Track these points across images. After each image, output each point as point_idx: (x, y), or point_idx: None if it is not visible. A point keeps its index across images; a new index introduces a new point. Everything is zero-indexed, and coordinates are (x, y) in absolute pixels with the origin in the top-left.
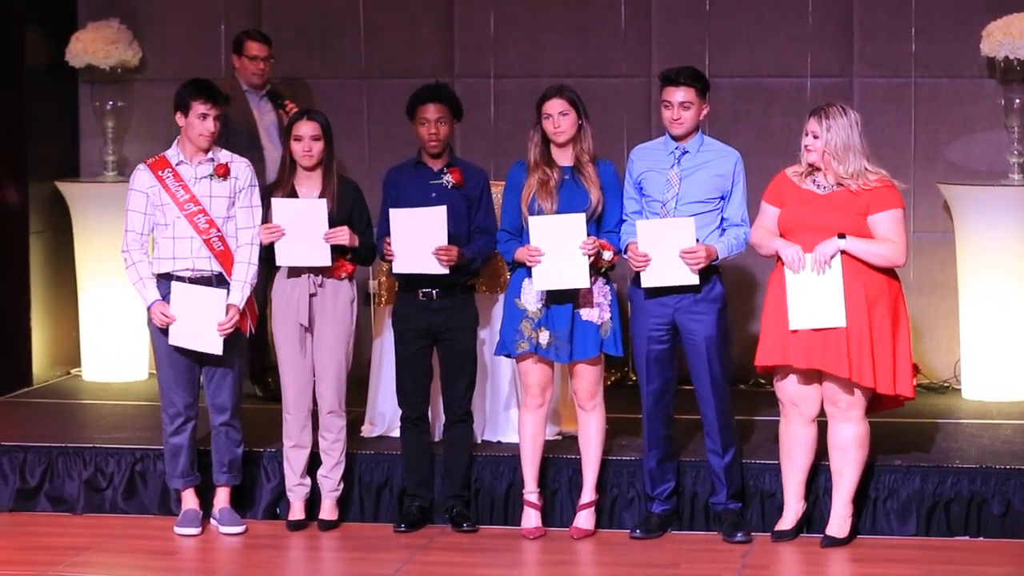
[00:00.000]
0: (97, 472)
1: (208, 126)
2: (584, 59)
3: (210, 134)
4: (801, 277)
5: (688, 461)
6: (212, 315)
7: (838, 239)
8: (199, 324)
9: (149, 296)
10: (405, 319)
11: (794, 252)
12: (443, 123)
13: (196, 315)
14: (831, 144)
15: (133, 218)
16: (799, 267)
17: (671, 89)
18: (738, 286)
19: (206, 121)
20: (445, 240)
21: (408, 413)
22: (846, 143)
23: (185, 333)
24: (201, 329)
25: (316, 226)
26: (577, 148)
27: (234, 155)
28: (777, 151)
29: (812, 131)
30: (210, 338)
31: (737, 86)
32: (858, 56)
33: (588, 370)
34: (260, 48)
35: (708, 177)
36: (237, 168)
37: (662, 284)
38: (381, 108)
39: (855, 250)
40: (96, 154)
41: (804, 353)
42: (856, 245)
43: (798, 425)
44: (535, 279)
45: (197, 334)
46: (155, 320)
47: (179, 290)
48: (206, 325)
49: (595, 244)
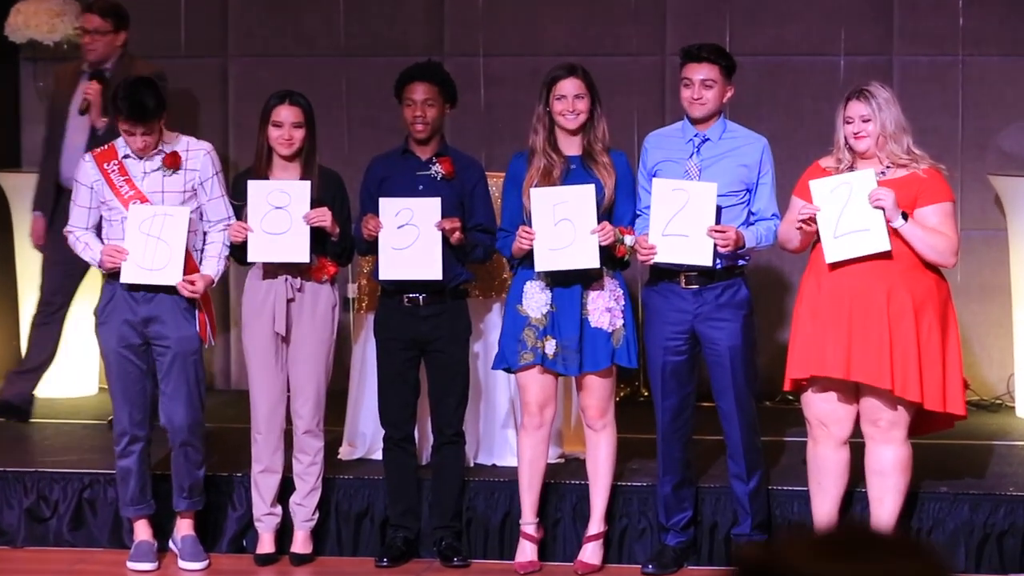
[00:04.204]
0: (40, 500)
1: (135, 143)
2: (589, 35)
3: (140, 150)
4: (829, 201)
5: (708, 487)
6: (172, 241)
7: (901, 216)
8: (157, 255)
9: (96, 248)
10: (388, 327)
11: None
12: (432, 105)
13: (154, 245)
14: (887, 124)
15: (76, 213)
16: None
17: (692, 66)
18: (764, 289)
19: (132, 138)
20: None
21: (392, 433)
22: (898, 121)
23: (139, 268)
24: (159, 260)
25: (296, 213)
26: (589, 136)
27: (193, 140)
28: (807, 138)
29: (860, 115)
30: (170, 269)
31: (762, 65)
32: (898, 31)
33: (599, 384)
34: (92, 20)
35: (732, 167)
36: (195, 157)
37: (672, 260)
38: (362, 90)
39: (913, 236)
40: (39, 141)
41: (841, 363)
42: (915, 231)
43: (828, 448)
44: (536, 258)
45: (153, 267)
46: (106, 262)
47: (136, 213)
48: (165, 255)
49: (610, 230)
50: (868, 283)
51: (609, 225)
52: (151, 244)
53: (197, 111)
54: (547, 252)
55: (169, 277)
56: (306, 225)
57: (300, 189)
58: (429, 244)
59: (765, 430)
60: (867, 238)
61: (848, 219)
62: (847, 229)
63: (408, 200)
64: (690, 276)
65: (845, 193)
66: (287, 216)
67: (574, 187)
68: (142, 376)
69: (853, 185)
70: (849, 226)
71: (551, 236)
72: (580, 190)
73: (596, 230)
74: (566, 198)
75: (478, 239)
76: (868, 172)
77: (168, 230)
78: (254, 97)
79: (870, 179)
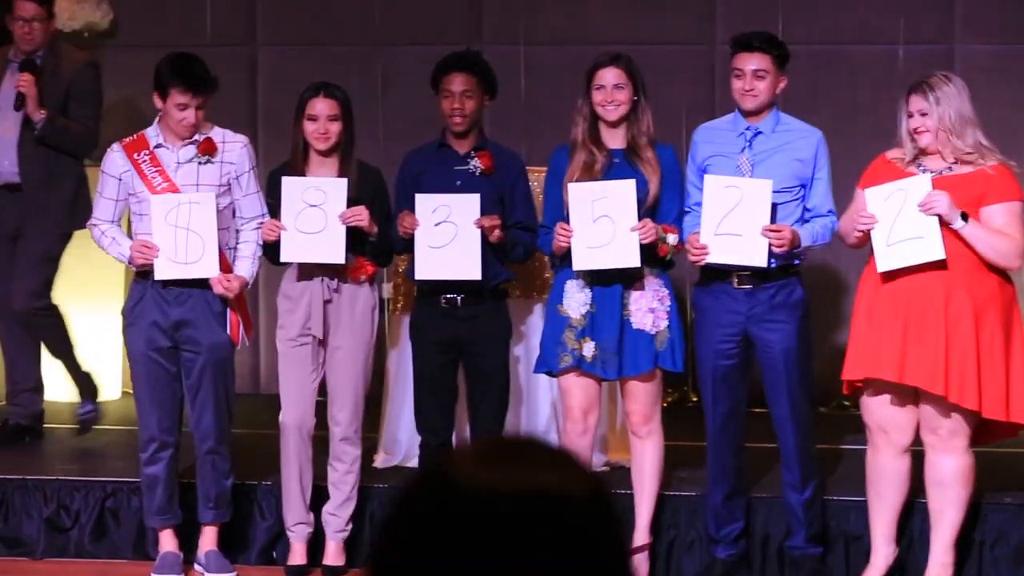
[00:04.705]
0: (60, 509)
1: (188, 118)
2: (636, 23)
3: (191, 126)
4: (884, 209)
5: (760, 497)
6: (203, 230)
7: (961, 218)
8: (189, 247)
9: (124, 243)
10: (425, 329)
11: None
12: (470, 97)
13: (184, 237)
14: (945, 118)
15: (102, 205)
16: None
17: (743, 55)
18: (820, 289)
19: (186, 112)
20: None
21: (429, 440)
22: (960, 113)
23: (172, 262)
24: (192, 252)
25: (332, 211)
26: (633, 129)
27: (229, 132)
28: (864, 131)
29: (918, 109)
30: (206, 260)
31: (817, 55)
32: (960, 19)
33: (641, 388)
34: (27, 8)
35: (786, 162)
36: (231, 149)
37: (725, 261)
38: (397, 81)
39: (974, 237)
40: None
41: (895, 365)
42: (978, 232)
43: (888, 456)
44: (574, 257)
45: (188, 261)
46: (137, 259)
47: (160, 205)
48: (198, 246)
49: (651, 228)
50: (927, 284)
51: (651, 222)
52: (181, 236)
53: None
54: (585, 250)
55: (206, 269)
56: (342, 225)
57: (336, 187)
58: (467, 242)
59: (821, 437)
60: (920, 246)
61: (901, 226)
62: (900, 237)
63: (445, 196)
64: (743, 276)
65: (899, 200)
66: (322, 215)
67: (614, 182)
68: (171, 380)
69: (908, 192)
70: (902, 234)
71: (589, 233)
72: (620, 185)
73: (636, 227)
74: (605, 193)
75: (518, 237)
76: (924, 178)
77: (196, 219)
78: (284, 88)
79: (925, 185)
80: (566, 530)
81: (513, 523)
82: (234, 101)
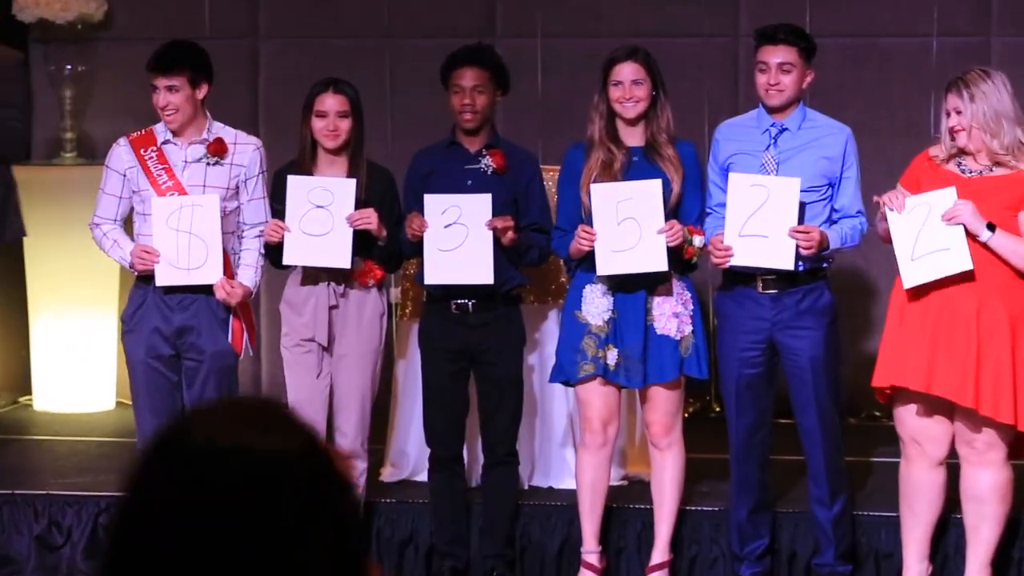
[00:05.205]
0: (52, 525)
1: (159, 100)
2: (655, 15)
3: (168, 110)
4: (908, 219)
5: (786, 512)
6: (206, 234)
7: (987, 228)
8: (192, 252)
9: (127, 247)
10: (435, 337)
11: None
12: (481, 92)
13: (186, 241)
14: (979, 115)
15: (105, 202)
16: (902, 207)
17: (768, 48)
18: (849, 294)
19: (156, 95)
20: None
21: (438, 453)
22: (996, 110)
23: (173, 268)
24: (195, 257)
25: (339, 213)
26: (652, 126)
27: (243, 134)
28: (896, 128)
29: (953, 107)
30: (209, 266)
31: (846, 48)
32: (997, 9)
33: (665, 396)
34: None
35: (813, 160)
36: (243, 151)
37: (751, 264)
38: (406, 76)
39: (1002, 248)
40: (51, 131)
41: (922, 375)
42: (1006, 243)
43: (922, 469)
44: (599, 261)
45: (190, 266)
46: (138, 265)
47: (161, 208)
48: (201, 251)
49: (678, 230)
50: (958, 293)
51: (678, 224)
52: (183, 240)
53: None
54: (610, 254)
55: (209, 275)
56: (349, 227)
57: (345, 187)
58: (479, 245)
59: (850, 449)
60: (946, 258)
61: (926, 239)
62: (925, 250)
63: (456, 197)
64: (768, 280)
65: (923, 213)
66: (329, 216)
67: (639, 182)
68: (172, 389)
69: (932, 204)
70: (927, 247)
71: (614, 236)
72: (646, 185)
73: (663, 229)
74: (631, 194)
75: (533, 239)
76: (949, 191)
77: (199, 223)
78: (287, 83)
79: (950, 197)
80: (286, 489)
81: (237, 483)
82: (234, 97)
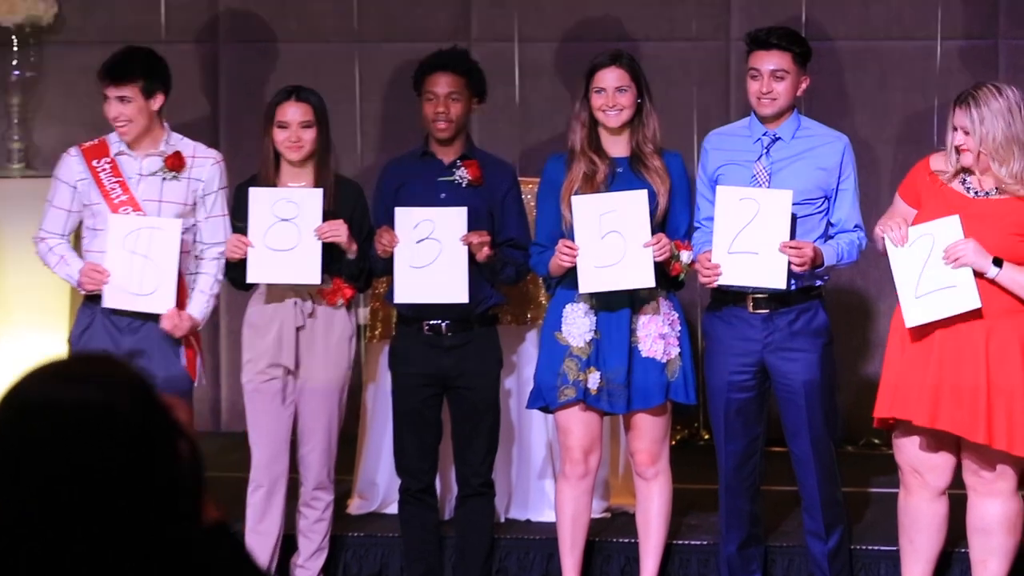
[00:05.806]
0: None
1: (109, 111)
2: (642, 17)
3: (119, 122)
4: (910, 253)
5: (779, 546)
6: (161, 260)
7: (993, 264)
8: (144, 277)
9: (74, 264)
10: (406, 360)
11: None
12: (456, 100)
13: (140, 264)
14: (987, 140)
15: (52, 215)
16: (903, 239)
17: (760, 54)
18: (845, 314)
19: (107, 105)
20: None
21: (409, 484)
22: (1006, 135)
23: (122, 291)
24: (147, 283)
25: (306, 226)
26: (637, 135)
27: (201, 146)
28: (896, 137)
29: (960, 126)
30: (159, 295)
31: (844, 51)
32: (1005, 10)
33: (650, 423)
34: None
35: (808, 171)
36: (201, 165)
37: (740, 282)
38: (377, 82)
39: (1012, 284)
40: None
41: (927, 409)
42: (1015, 277)
43: (922, 499)
44: (581, 278)
45: (140, 292)
46: (86, 284)
47: (118, 226)
48: (153, 277)
49: (666, 244)
50: (964, 320)
51: (665, 238)
52: (137, 263)
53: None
54: (593, 270)
55: (158, 304)
56: (317, 241)
57: (311, 198)
58: (453, 261)
59: (847, 479)
60: (953, 296)
61: (930, 275)
62: (929, 287)
63: (429, 210)
64: (759, 299)
65: (926, 245)
66: (295, 230)
67: (623, 193)
68: None
69: (936, 236)
70: (932, 284)
71: (597, 251)
72: (631, 197)
73: (650, 243)
74: (615, 206)
75: (509, 256)
76: (952, 221)
77: (156, 247)
78: (248, 90)
79: (955, 228)
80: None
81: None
82: (192, 105)
